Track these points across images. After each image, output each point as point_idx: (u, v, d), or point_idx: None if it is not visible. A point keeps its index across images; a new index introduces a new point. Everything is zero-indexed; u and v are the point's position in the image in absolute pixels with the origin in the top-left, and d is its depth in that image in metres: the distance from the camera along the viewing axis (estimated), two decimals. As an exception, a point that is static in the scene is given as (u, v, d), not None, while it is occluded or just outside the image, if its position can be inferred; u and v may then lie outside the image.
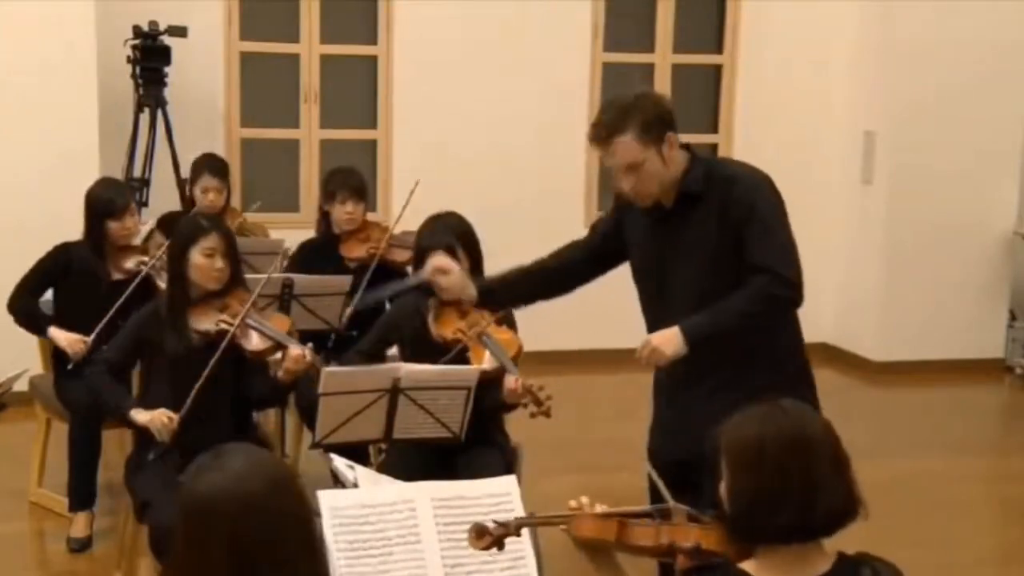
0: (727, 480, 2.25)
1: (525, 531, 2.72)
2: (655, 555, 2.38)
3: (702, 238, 3.36)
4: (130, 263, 4.90)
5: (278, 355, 4.03)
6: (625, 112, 3.31)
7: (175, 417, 3.93)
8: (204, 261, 4.04)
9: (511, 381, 3.86)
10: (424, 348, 4.03)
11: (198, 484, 2.00)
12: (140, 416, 3.97)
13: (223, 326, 4.00)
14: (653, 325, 3.49)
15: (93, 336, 4.73)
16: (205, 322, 4.04)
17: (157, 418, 3.92)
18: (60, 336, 4.81)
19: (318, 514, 2.09)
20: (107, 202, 4.88)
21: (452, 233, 4.09)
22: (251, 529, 1.95)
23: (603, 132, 3.33)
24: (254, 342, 4.03)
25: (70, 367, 4.75)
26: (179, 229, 4.24)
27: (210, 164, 5.88)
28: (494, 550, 2.51)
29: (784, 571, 2.21)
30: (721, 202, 3.33)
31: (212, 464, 2.03)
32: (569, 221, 7.24)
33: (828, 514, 2.20)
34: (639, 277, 3.60)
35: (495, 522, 2.50)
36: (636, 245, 3.56)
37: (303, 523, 2.03)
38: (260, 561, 1.95)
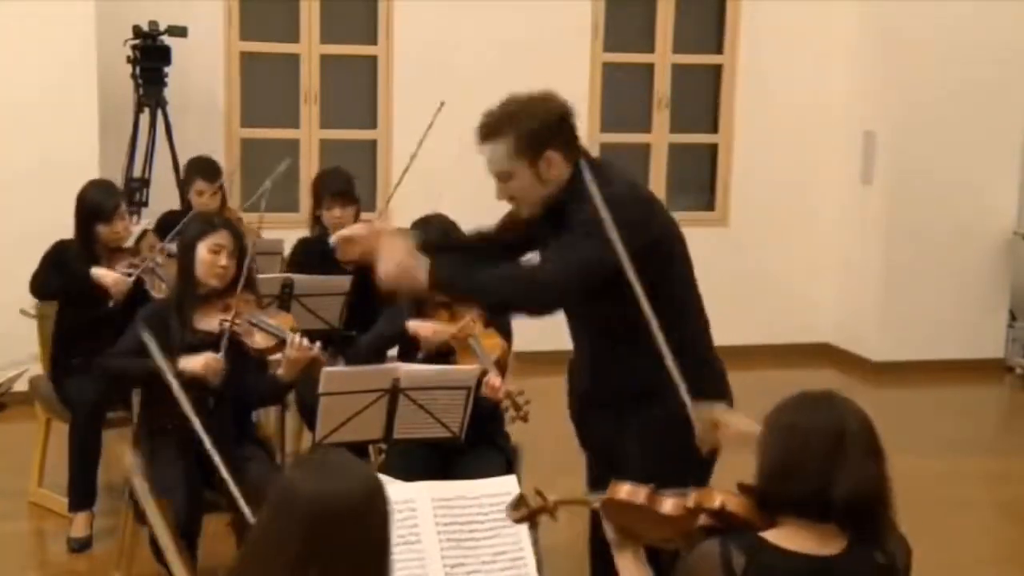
0: (760, 451, 2.33)
1: (525, 532, 2.73)
2: (679, 528, 2.39)
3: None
4: (121, 266, 4.88)
5: (279, 355, 4.04)
6: (506, 119, 3.08)
7: (220, 359, 3.95)
8: (209, 256, 4.05)
9: (492, 379, 3.90)
10: (413, 347, 4.11)
11: (297, 478, 2.00)
12: (192, 363, 3.92)
13: (225, 324, 4.02)
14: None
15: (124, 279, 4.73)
16: (208, 322, 4.06)
17: (208, 363, 3.92)
18: (103, 273, 4.75)
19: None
20: (96, 206, 4.86)
21: (437, 235, 4.06)
22: (333, 535, 1.93)
23: (480, 134, 3.13)
24: (258, 340, 4.07)
25: (111, 304, 4.72)
26: (189, 225, 4.28)
27: (200, 168, 5.91)
28: (495, 551, 2.52)
29: (800, 544, 2.26)
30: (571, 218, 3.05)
31: (316, 464, 2.05)
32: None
33: (849, 494, 2.24)
34: None
35: (537, 492, 2.54)
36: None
37: (382, 544, 2.00)
38: (330, 565, 1.94)
